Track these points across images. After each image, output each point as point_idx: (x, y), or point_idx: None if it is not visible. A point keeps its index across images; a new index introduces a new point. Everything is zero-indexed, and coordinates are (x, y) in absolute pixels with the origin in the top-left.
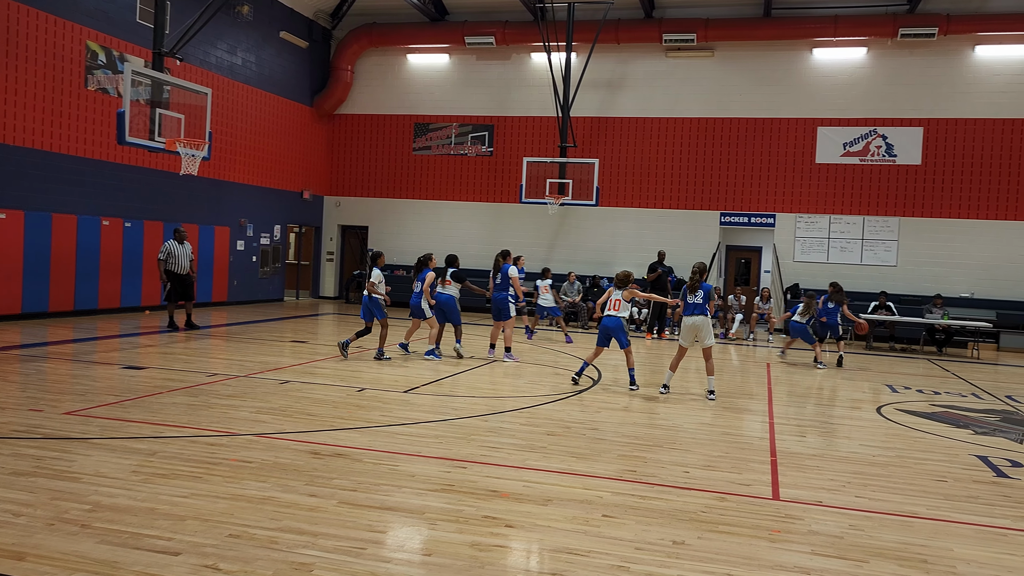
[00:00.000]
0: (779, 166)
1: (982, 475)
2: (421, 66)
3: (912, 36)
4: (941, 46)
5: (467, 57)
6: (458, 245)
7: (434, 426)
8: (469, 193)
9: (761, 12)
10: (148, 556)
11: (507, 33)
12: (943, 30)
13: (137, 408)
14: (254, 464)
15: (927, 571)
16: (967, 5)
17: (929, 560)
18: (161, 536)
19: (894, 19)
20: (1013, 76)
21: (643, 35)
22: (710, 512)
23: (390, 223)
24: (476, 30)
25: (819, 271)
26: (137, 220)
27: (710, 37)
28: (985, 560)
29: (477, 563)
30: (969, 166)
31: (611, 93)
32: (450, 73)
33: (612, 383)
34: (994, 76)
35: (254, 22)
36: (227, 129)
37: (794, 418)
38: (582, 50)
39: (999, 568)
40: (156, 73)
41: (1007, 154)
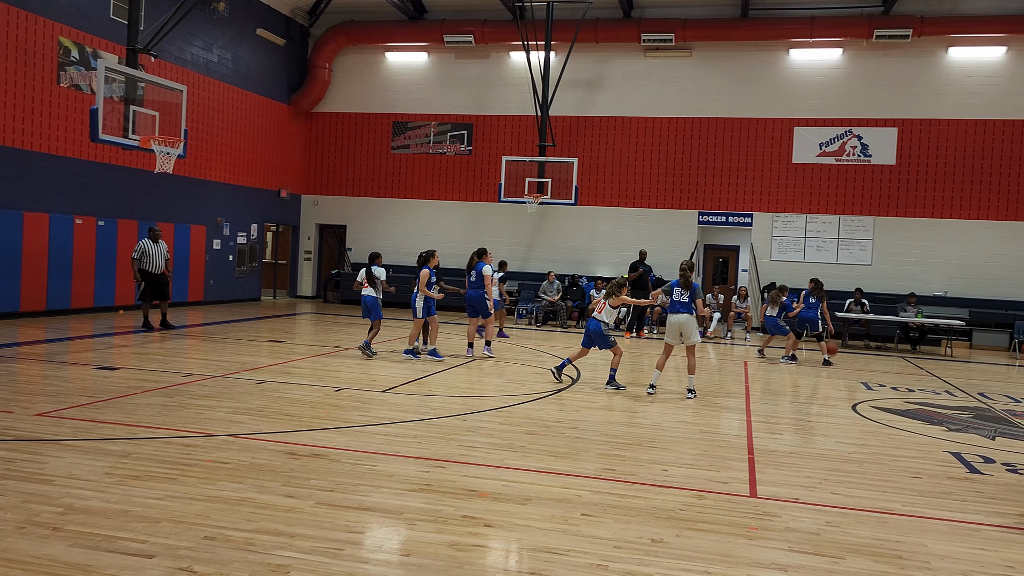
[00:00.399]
0: (756, 166)
1: (955, 471)
2: (399, 64)
3: (887, 37)
4: (915, 47)
5: (446, 56)
6: (437, 244)
7: (413, 426)
8: (448, 192)
9: (738, 13)
10: (121, 559)
11: (486, 32)
12: (917, 32)
13: (111, 409)
14: (230, 465)
15: (902, 567)
16: (940, 7)
17: (904, 556)
18: (135, 539)
19: (869, 20)
20: (985, 78)
21: (622, 35)
22: (688, 510)
23: (368, 222)
24: (455, 29)
25: (796, 270)
26: (111, 219)
27: (688, 37)
28: (959, 555)
29: (456, 563)
30: (942, 166)
31: (590, 92)
32: (429, 72)
33: (592, 381)
34: (967, 77)
35: (230, 19)
36: (203, 127)
37: (771, 416)
38: (561, 49)
39: (972, 563)
40: (130, 70)
41: (980, 155)
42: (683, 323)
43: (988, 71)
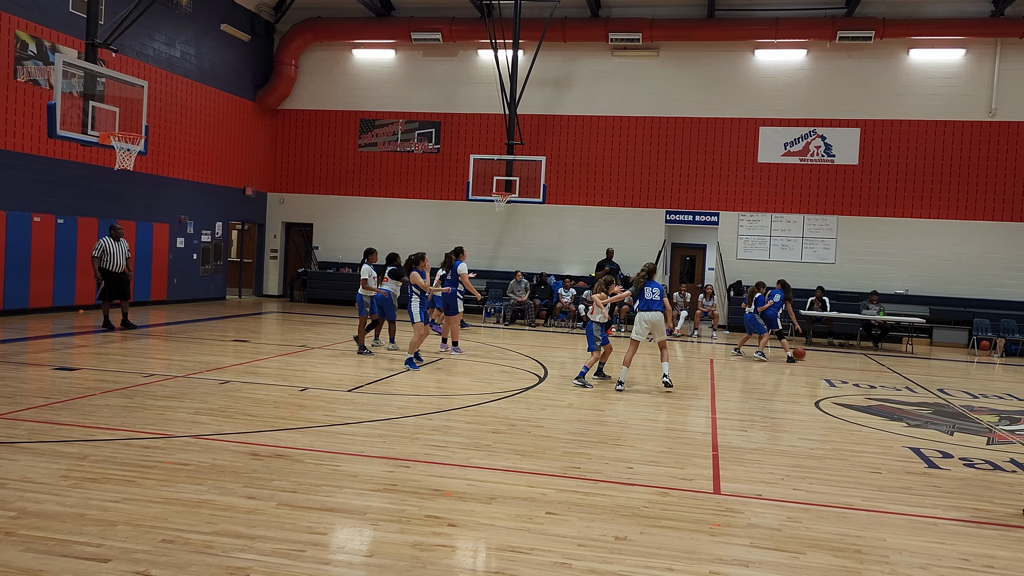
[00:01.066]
0: (722, 165)
1: (914, 466)
2: (367, 62)
3: (850, 39)
4: (877, 49)
5: (414, 53)
6: (405, 242)
7: (378, 425)
8: (416, 190)
9: (705, 13)
10: (76, 564)
11: (454, 30)
12: (879, 33)
13: (68, 410)
14: (190, 467)
15: (861, 561)
16: (902, 10)
17: (863, 550)
18: (90, 543)
19: (833, 22)
20: (944, 79)
21: (589, 34)
22: (652, 507)
23: (335, 220)
24: (422, 26)
25: (761, 268)
26: (70, 216)
27: (655, 37)
28: (916, 549)
29: (419, 563)
30: (904, 167)
31: (558, 91)
32: (396, 69)
33: (559, 380)
34: (927, 79)
35: (193, 14)
36: (165, 123)
37: (736, 413)
38: (529, 48)
39: (929, 556)
40: (89, 65)
41: (939, 155)
42: (655, 321)
43: (948, 73)
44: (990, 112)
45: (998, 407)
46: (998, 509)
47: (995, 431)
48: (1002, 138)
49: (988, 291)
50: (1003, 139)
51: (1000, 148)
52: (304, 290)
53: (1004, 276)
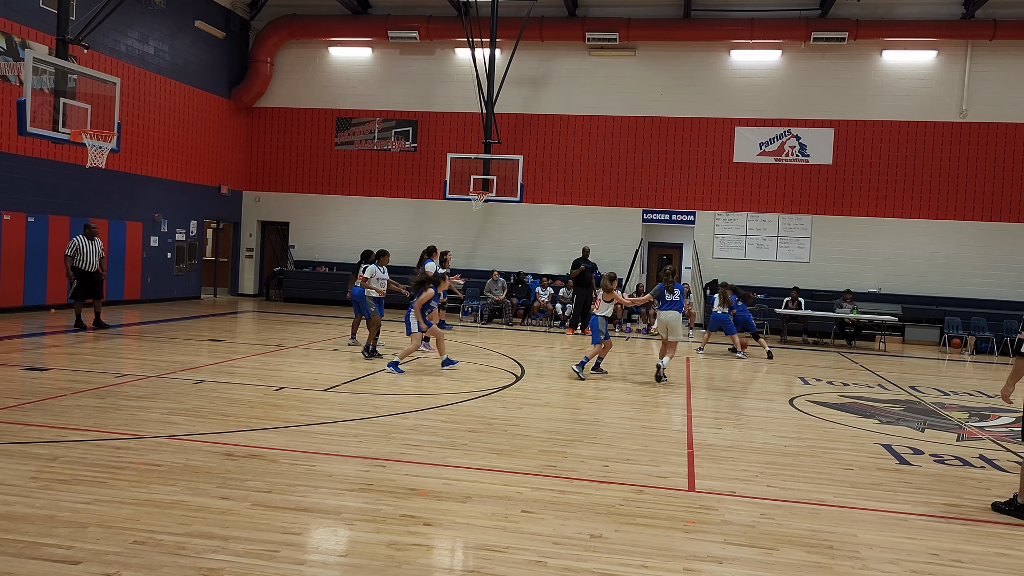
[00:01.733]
0: (699, 165)
1: (886, 463)
2: (343, 60)
3: (824, 40)
4: (851, 50)
5: (390, 51)
6: (382, 241)
7: (354, 424)
8: (393, 189)
9: (681, 13)
10: (46, 566)
11: (431, 28)
12: (853, 35)
13: (38, 411)
14: (163, 467)
15: (832, 556)
16: (875, 11)
17: (835, 546)
18: (60, 544)
19: (807, 23)
20: (916, 80)
21: (566, 33)
22: (628, 505)
23: (312, 219)
24: (399, 24)
25: (737, 267)
26: (41, 215)
27: (632, 37)
28: (887, 544)
29: (394, 562)
30: (877, 167)
31: (535, 90)
32: (373, 67)
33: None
34: (899, 80)
35: (167, 10)
36: (139, 121)
37: (711, 411)
38: (506, 47)
39: (899, 552)
40: (60, 61)
41: (911, 155)
42: (671, 321)
43: (920, 74)
44: (961, 113)
45: (968, 404)
46: (967, 504)
47: (965, 428)
48: (973, 139)
49: (959, 290)
50: (974, 140)
51: (971, 148)
52: (280, 289)
53: (975, 275)
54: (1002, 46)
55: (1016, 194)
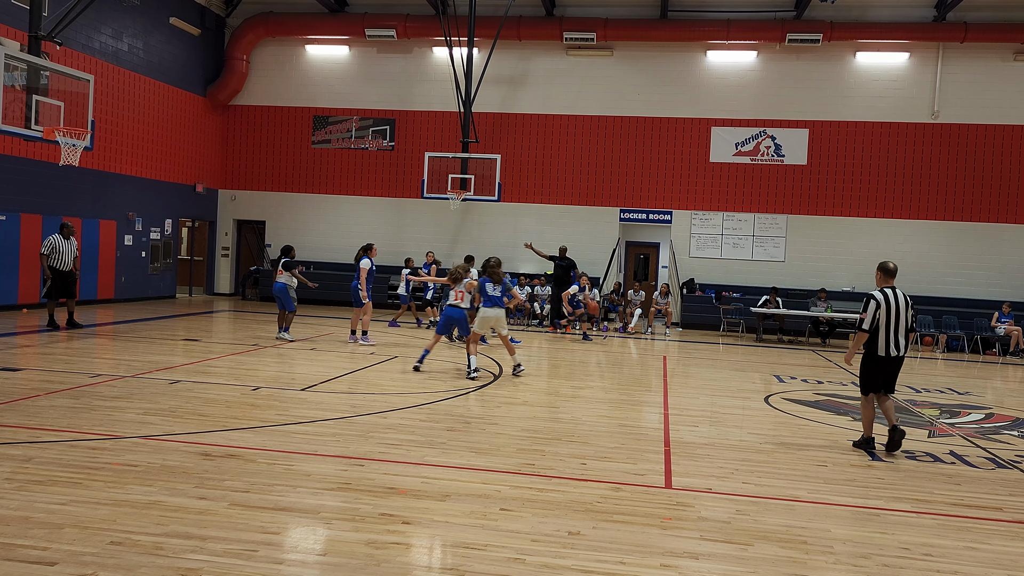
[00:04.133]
0: (675, 164)
1: (859, 460)
2: (320, 58)
3: (799, 42)
4: (825, 52)
5: (368, 50)
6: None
7: (332, 424)
8: (370, 188)
9: (658, 14)
10: (21, 568)
11: (408, 26)
12: (827, 37)
13: (11, 412)
14: (139, 468)
15: (807, 551)
16: (849, 14)
17: (809, 541)
18: (35, 546)
19: (782, 25)
20: (889, 82)
21: (544, 32)
22: (605, 502)
23: (288, 218)
24: (377, 22)
25: (713, 267)
26: (13, 213)
27: (609, 37)
28: (859, 539)
29: (373, 561)
30: (850, 167)
31: (513, 89)
32: (350, 66)
33: (511, 378)
34: (873, 81)
35: (141, 7)
36: (113, 118)
37: (688, 409)
38: (484, 46)
39: (872, 546)
40: (32, 58)
41: (884, 156)
42: (497, 317)
43: (892, 76)
44: (933, 114)
45: (939, 401)
46: (938, 500)
47: (936, 424)
48: (944, 140)
49: (931, 288)
50: (945, 141)
51: (942, 149)
52: (257, 288)
53: (946, 274)
54: (973, 48)
55: (986, 194)
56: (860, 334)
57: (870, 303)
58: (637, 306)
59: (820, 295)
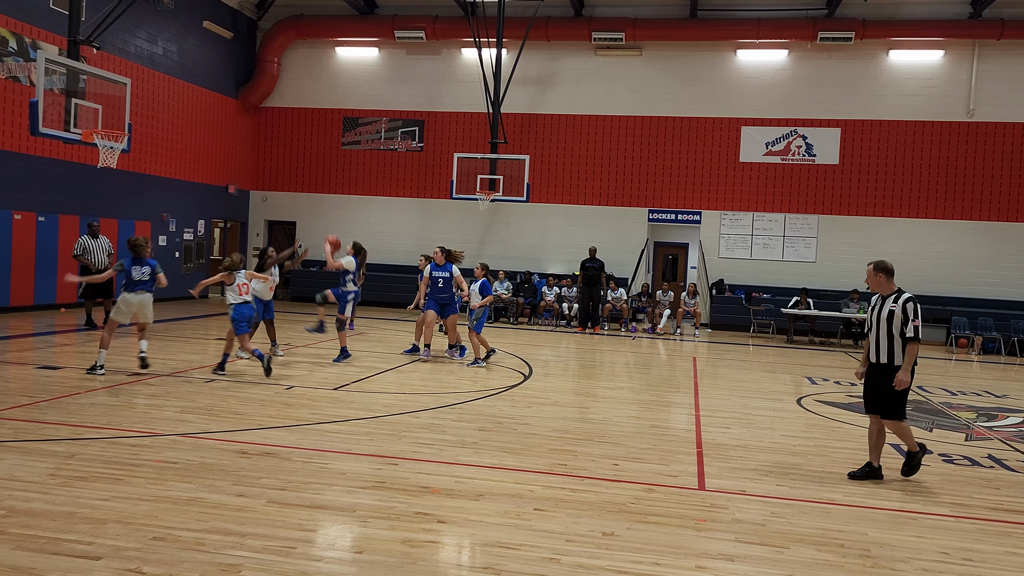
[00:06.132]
0: (704, 164)
1: (895, 463)
2: (350, 59)
3: (830, 40)
4: (857, 50)
5: (397, 51)
6: (388, 241)
7: (364, 423)
8: (399, 189)
9: (687, 13)
10: (68, 561)
11: (437, 28)
12: (859, 35)
13: (53, 409)
14: (179, 465)
15: (843, 555)
16: (882, 11)
17: (845, 544)
18: (81, 540)
19: (814, 23)
20: (923, 80)
21: (573, 33)
22: (638, 503)
23: (318, 218)
24: (406, 24)
25: (743, 267)
26: (51, 214)
27: (638, 36)
28: (897, 543)
29: (409, 559)
30: (883, 166)
31: (541, 90)
32: (380, 67)
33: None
34: (906, 80)
35: (176, 10)
36: (148, 121)
37: (719, 410)
38: (512, 47)
39: (909, 550)
40: (71, 62)
41: (918, 155)
42: (144, 303)
43: (926, 74)
44: (968, 113)
45: (976, 404)
46: (977, 504)
47: (973, 428)
48: (980, 138)
49: (966, 289)
50: (981, 139)
51: (978, 148)
52: (287, 288)
53: (981, 275)
54: (1009, 46)
55: (1023, 193)
56: (916, 345)
57: (917, 306)
58: (666, 307)
59: (852, 296)
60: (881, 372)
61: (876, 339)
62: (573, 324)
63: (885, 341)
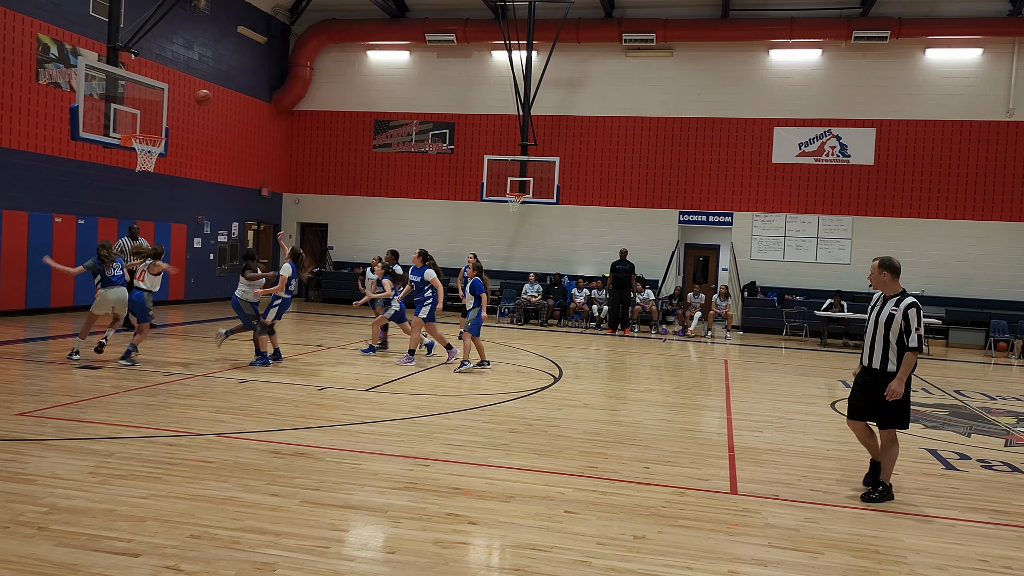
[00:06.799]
0: (736, 165)
1: (931, 468)
2: (381, 63)
3: (865, 39)
4: (893, 49)
5: (428, 54)
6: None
7: (396, 424)
8: (430, 191)
9: (719, 13)
10: (108, 558)
11: (468, 31)
12: (895, 33)
13: (93, 408)
14: (214, 464)
15: (879, 561)
16: (918, 9)
17: (881, 551)
18: (120, 537)
19: (848, 22)
20: (961, 79)
21: (603, 34)
22: (670, 507)
23: (350, 220)
24: (437, 27)
25: (776, 269)
26: (91, 217)
27: (669, 37)
28: (934, 550)
29: (440, 560)
30: (919, 167)
31: (571, 92)
32: (411, 70)
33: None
34: (944, 79)
35: (211, 16)
36: (184, 125)
37: (751, 414)
38: (543, 48)
39: (947, 557)
40: (111, 67)
41: (955, 155)
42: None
43: (964, 72)
44: (1007, 112)
45: (1016, 409)
46: (1017, 511)
47: (1013, 433)
48: (1019, 138)
49: (1005, 292)
50: (1020, 139)
51: (1017, 148)
52: (319, 290)
53: (1021, 277)
54: None
55: None
56: (916, 356)
57: (920, 313)
58: (697, 309)
59: None
60: (873, 379)
61: (871, 342)
62: (603, 326)
63: (880, 346)
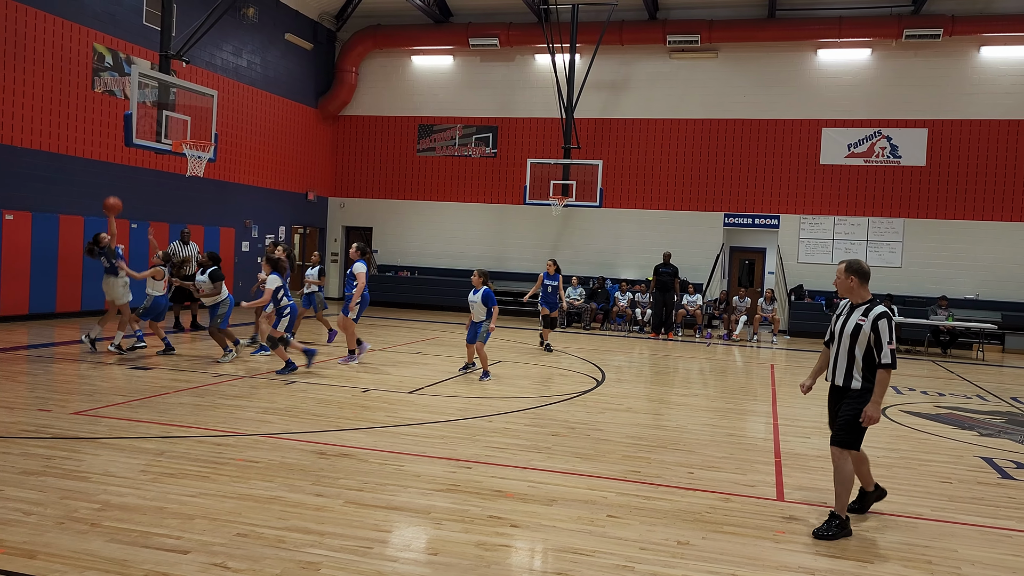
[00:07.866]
0: (783, 167)
1: (987, 477)
2: (425, 67)
3: (917, 37)
4: (946, 47)
5: (471, 58)
6: (462, 246)
7: (439, 426)
8: (473, 194)
9: (765, 13)
10: (158, 555)
11: (511, 35)
12: (948, 31)
13: (144, 408)
14: (261, 464)
15: (931, 572)
16: (972, 6)
17: (934, 561)
18: (170, 535)
19: (899, 20)
20: (1019, 77)
21: (647, 36)
22: (714, 512)
23: (394, 224)
24: (480, 32)
25: (823, 272)
26: (143, 221)
27: (714, 38)
28: (990, 561)
29: (483, 562)
30: (973, 168)
31: (614, 94)
32: (454, 74)
33: (616, 383)
34: (1000, 77)
35: (259, 24)
36: (232, 131)
37: (798, 419)
38: (586, 51)
39: (1004, 569)
40: (163, 75)
41: (1012, 155)
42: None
43: (1021, 71)
44: None
45: None
46: None
47: None
48: None
49: None
50: None
51: None
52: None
53: None
54: None
55: None
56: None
57: (892, 324)
58: (742, 313)
59: (940, 303)
60: (837, 396)
61: (835, 355)
62: (646, 330)
63: (844, 360)
